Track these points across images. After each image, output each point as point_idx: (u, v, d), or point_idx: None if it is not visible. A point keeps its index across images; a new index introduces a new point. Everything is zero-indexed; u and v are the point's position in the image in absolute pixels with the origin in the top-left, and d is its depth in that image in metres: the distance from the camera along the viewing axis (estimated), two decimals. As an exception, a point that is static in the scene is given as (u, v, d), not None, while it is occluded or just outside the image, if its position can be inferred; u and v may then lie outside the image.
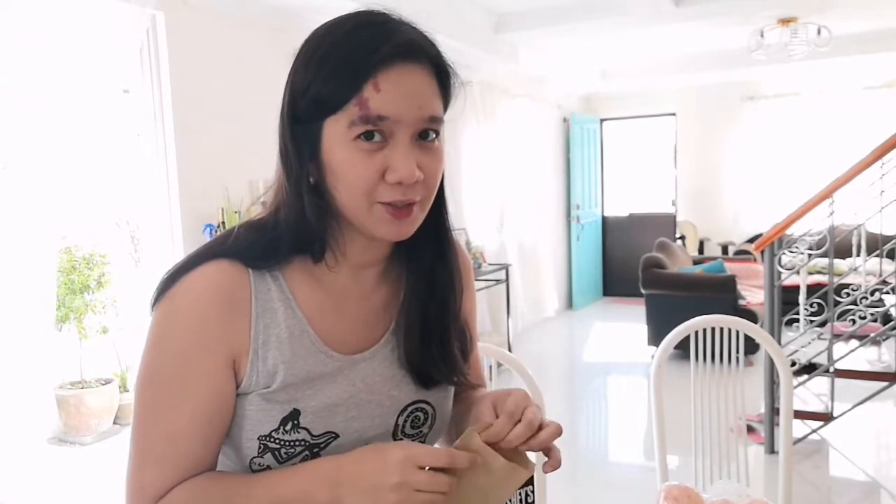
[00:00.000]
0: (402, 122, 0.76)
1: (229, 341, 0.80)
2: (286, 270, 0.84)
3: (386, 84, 0.75)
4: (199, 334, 0.79)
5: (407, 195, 0.78)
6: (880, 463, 3.65)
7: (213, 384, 0.80)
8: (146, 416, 0.80)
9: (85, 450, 3.34)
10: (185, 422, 0.79)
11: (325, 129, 0.77)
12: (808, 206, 3.51)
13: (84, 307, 3.41)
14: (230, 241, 0.83)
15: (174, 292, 0.80)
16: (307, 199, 0.80)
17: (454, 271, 0.92)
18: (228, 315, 0.80)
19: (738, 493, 1.12)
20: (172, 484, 0.79)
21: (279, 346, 0.82)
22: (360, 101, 0.75)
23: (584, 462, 3.83)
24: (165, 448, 0.79)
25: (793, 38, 5.19)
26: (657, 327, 5.37)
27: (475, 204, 6.00)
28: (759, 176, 7.57)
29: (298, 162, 0.80)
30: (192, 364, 0.79)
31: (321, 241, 0.82)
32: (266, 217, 0.85)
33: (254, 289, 0.81)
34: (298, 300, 0.84)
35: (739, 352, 1.75)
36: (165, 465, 0.79)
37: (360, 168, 0.76)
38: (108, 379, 3.50)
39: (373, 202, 0.78)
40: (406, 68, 0.77)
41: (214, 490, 0.79)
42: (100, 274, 3.48)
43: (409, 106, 0.76)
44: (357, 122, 0.75)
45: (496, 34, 5.23)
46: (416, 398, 0.90)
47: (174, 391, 0.79)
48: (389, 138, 0.77)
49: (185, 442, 0.79)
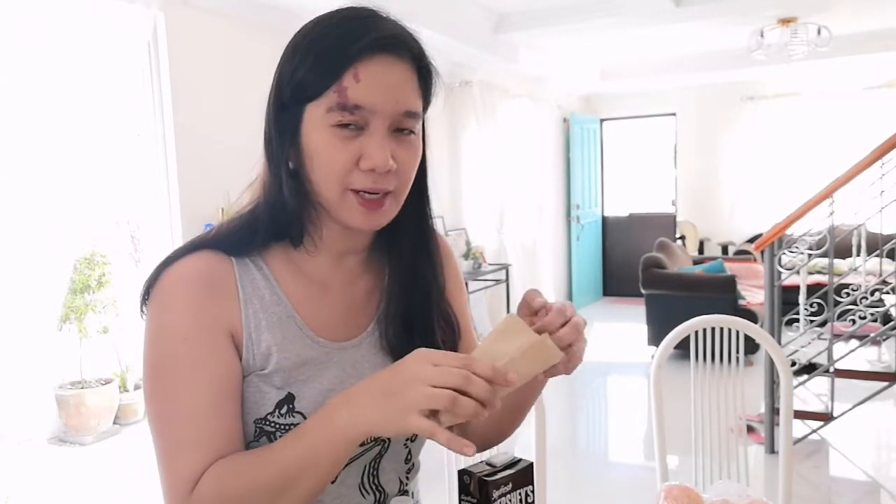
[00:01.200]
0: (378, 112, 0.78)
1: (224, 318, 0.81)
2: (268, 258, 0.86)
3: (365, 74, 0.77)
4: (194, 315, 0.80)
5: (379, 184, 0.80)
6: (880, 463, 3.65)
7: (222, 358, 0.80)
8: (164, 408, 0.80)
9: (85, 450, 3.34)
10: (205, 401, 0.78)
11: (306, 115, 0.80)
12: (808, 206, 3.51)
13: (84, 307, 3.41)
14: (211, 233, 0.86)
15: (161, 285, 0.81)
16: (286, 183, 0.82)
17: (435, 259, 0.94)
18: (217, 296, 0.81)
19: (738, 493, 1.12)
20: (206, 466, 0.77)
21: (270, 329, 0.83)
22: (339, 88, 0.77)
23: (584, 462, 3.84)
24: (192, 432, 0.78)
25: (793, 38, 5.19)
26: (657, 327, 5.37)
27: (475, 204, 6.01)
28: (759, 176, 7.57)
29: (280, 147, 0.82)
30: (196, 344, 0.79)
31: (299, 226, 0.84)
32: (247, 207, 0.87)
33: (238, 276, 0.84)
34: (283, 287, 0.86)
35: (739, 352, 1.75)
36: (197, 449, 0.77)
37: (335, 153, 0.78)
38: (108, 379, 3.49)
39: (345, 188, 0.80)
40: (387, 61, 0.79)
41: (242, 461, 0.78)
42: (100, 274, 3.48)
43: (387, 98, 0.78)
44: (335, 108, 0.78)
45: (496, 34, 5.23)
46: None
47: (186, 375, 0.79)
48: (365, 127, 0.79)
49: (209, 421, 0.78)
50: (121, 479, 3.05)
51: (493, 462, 0.85)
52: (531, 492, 0.85)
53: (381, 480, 0.92)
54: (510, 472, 0.83)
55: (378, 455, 0.91)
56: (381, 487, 0.92)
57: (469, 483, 0.82)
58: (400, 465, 0.94)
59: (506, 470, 0.83)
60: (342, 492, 0.89)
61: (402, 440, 0.93)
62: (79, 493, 3.05)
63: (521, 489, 0.84)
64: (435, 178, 0.95)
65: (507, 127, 6.26)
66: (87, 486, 3.08)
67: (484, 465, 0.84)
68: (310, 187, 0.82)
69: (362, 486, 0.90)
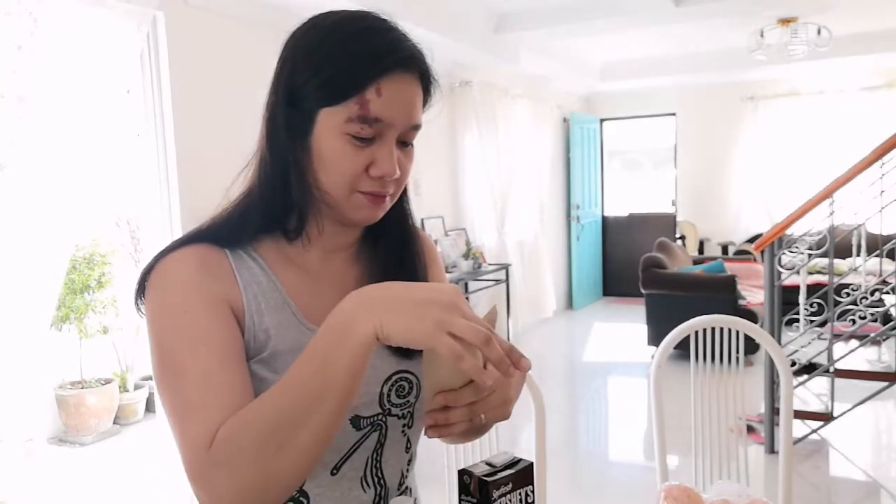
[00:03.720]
0: (393, 126, 0.83)
1: (224, 294, 0.83)
2: (260, 250, 0.89)
3: (387, 91, 0.81)
4: (194, 290, 0.82)
5: (384, 188, 0.86)
6: (880, 463, 3.66)
7: (225, 326, 0.82)
8: (173, 381, 0.79)
9: (85, 450, 3.34)
10: (214, 365, 0.78)
11: (320, 117, 0.82)
12: (809, 206, 3.51)
13: (84, 307, 3.41)
14: (203, 226, 0.89)
15: (157, 272, 0.83)
16: (294, 177, 0.85)
17: (417, 250, 1.00)
18: (216, 278, 0.84)
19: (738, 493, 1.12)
20: (220, 423, 0.74)
21: (269, 313, 0.86)
22: (361, 101, 0.81)
23: (584, 462, 3.84)
24: (203, 396, 0.77)
25: (793, 38, 5.19)
26: (657, 327, 5.37)
27: (475, 204, 6.01)
28: (759, 176, 7.57)
29: (287, 143, 0.85)
30: (196, 314, 0.81)
31: (299, 220, 0.88)
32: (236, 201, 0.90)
33: (234, 265, 0.86)
34: (278, 276, 0.89)
35: (739, 352, 1.75)
36: (209, 409, 0.75)
37: (349, 160, 0.83)
38: (108, 379, 3.50)
39: (353, 191, 0.85)
40: (405, 79, 0.83)
41: (255, 401, 0.75)
42: (100, 274, 3.49)
43: (403, 113, 0.83)
44: (355, 119, 0.81)
45: (496, 34, 5.23)
46: (398, 368, 0.92)
47: (193, 343, 0.79)
48: (378, 138, 0.83)
49: (219, 383, 0.77)
50: (121, 479, 3.06)
51: (493, 462, 0.85)
52: (531, 492, 0.85)
53: (384, 473, 0.93)
54: (510, 472, 0.83)
55: (379, 444, 0.91)
56: (384, 480, 0.93)
57: (469, 483, 0.83)
58: (401, 455, 0.95)
59: (506, 470, 0.83)
60: (344, 485, 0.89)
61: (399, 427, 0.93)
62: (79, 493, 3.05)
63: (521, 489, 0.84)
64: (435, 177, 0.97)
65: (507, 127, 6.26)
66: (87, 486, 3.08)
67: (484, 465, 0.84)
68: (315, 185, 0.85)
69: (364, 480, 0.91)
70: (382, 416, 0.91)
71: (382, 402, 0.91)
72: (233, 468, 0.71)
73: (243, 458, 0.70)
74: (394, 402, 0.92)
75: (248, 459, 0.70)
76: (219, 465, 0.71)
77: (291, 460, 0.71)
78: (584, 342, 6.55)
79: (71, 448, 3.34)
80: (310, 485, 0.88)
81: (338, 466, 0.89)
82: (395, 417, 0.92)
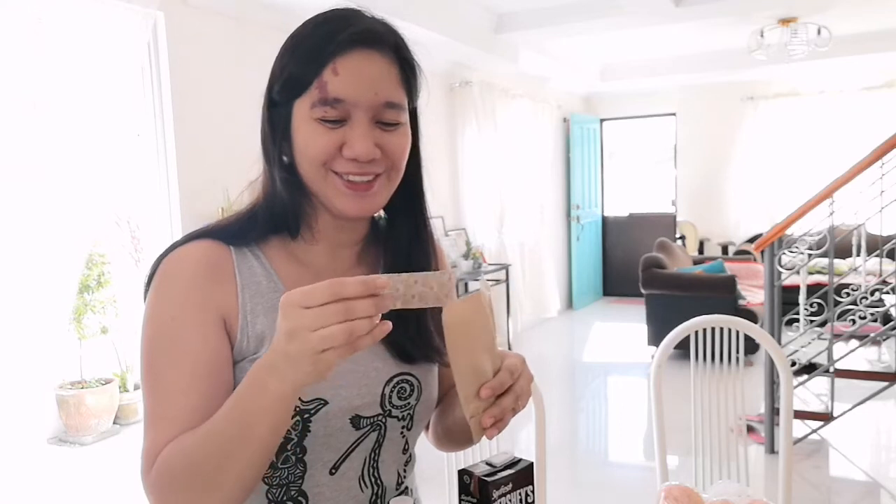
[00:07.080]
0: (358, 104, 0.81)
1: (218, 301, 0.84)
2: (266, 249, 0.90)
3: (344, 69, 0.81)
4: (186, 295, 0.83)
5: (362, 170, 0.83)
6: (880, 463, 3.65)
7: (208, 339, 0.82)
8: (151, 383, 0.82)
9: (85, 450, 3.34)
10: (187, 379, 0.80)
11: (294, 110, 0.83)
12: (809, 206, 3.51)
13: (84, 307, 3.41)
14: (212, 225, 0.90)
15: (160, 271, 0.86)
16: (279, 175, 0.86)
17: (430, 255, 0.96)
18: (214, 280, 0.85)
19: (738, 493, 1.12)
20: (169, 442, 0.79)
21: (265, 314, 0.86)
22: (319, 83, 0.81)
23: (585, 462, 3.84)
24: (170, 407, 0.80)
25: (793, 38, 5.19)
26: (657, 327, 5.37)
27: (475, 204, 6.00)
28: (759, 176, 7.57)
29: (273, 143, 0.86)
30: (181, 323, 0.82)
31: (295, 216, 0.88)
32: (248, 205, 0.91)
33: (236, 263, 0.87)
34: (280, 275, 0.89)
35: (739, 352, 1.75)
36: (172, 424, 0.79)
37: (319, 141, 0.82)
38: (108, 379, 3.49)
39: (328, 170, 0.83)
40: (364, 54, 0.82)
41: (187, 436, 0.77)
42: (99, 273, 3.49)
43: (366, 90, 0.81)
44: (317, 103, 0.81)
45: (496, 34, 5.23)
46: (399, 371, 0.92)
47: (172, 352, 0.82)
48: (347, 119, 0.82)
49: (188, 398, 0.80)
50: (121, 479, 3.05)
51: (493, 462, 0.85)
52: (531, 492, 0.85)
53: (380, 473, 0.93)
54: (510, 472, 0.83)
55: (377, 445, 0.91)
56: (381, 481, 0.93)
57: (469, 483, 0.83)
58: (398, 456, 0.95)
59: (506, 470, 0.84)
60: (342, 484, 0.90)
61: (398, 429, 0.93)
62: (79, 493, 3.05)
63: (521, 489, 0.84)
64: (435, 177, 0.96)
65: (507, 127, 6.26)
66: (87, 486, 3.08)
67: (484, 465, 0.84)
68: (304, 178, 0.86)
69: (362, 480, 0.91)
70: (382, 417, 0.91)
71: (384, 403, 0.91)
72: (166, 496, 0.77)
73: (176, 486, 0.76)
74: (395, 403, 0.92)
75: (179, 488, 0.75)
76: (156, 488, 0.77)
77: (219, 496, 0.74)
78: (584, 342, 6.55)
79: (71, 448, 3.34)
80: (309, 483, 0.88)
81: (337, 465, 0.89)
82: (395, 419, 0.92)
